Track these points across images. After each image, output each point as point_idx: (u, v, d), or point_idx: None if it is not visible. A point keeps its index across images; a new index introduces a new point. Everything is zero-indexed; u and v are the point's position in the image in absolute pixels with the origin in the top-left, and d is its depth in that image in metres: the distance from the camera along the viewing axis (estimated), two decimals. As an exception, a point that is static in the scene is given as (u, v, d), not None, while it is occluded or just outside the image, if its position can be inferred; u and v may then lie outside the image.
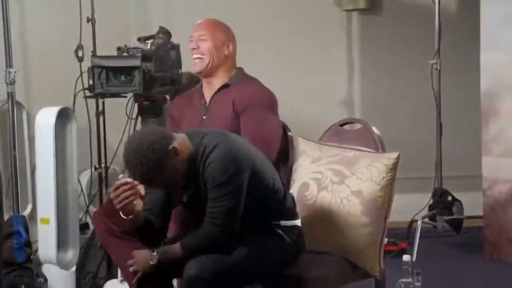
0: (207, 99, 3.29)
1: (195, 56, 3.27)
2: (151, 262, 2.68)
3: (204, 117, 3.25)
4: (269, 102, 3.22)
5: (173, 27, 3.64)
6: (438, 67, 4.54)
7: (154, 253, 2.69)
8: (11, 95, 3.68)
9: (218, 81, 3.27)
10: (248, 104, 3.17)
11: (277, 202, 2.76)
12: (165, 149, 2.59)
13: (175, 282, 2.98)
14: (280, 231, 2.75)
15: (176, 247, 2.69)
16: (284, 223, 2.77)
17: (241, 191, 2.62)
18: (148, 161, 2.57)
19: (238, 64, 3.33)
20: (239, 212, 2.64)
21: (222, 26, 3.32)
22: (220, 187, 2.61)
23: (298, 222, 2.82)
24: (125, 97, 3.76)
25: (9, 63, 3.66)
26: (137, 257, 2.72)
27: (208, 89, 3.30)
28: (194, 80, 3.56)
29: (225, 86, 3.25)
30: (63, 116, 3.52)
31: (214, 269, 2.57)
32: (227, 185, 2.60)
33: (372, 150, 3.01)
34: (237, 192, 2.62)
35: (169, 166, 2.61)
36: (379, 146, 3.05)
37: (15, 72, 3.65)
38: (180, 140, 2.66)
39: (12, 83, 3.65)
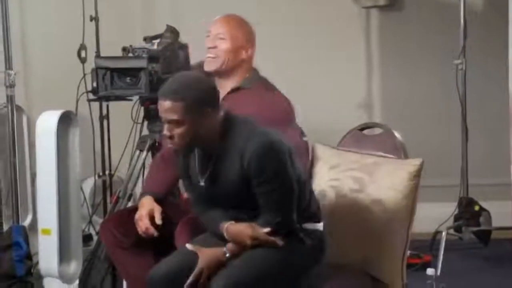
0: None
1: (209, 54, 3.18)
2: (227, 255, 2.67)
3: None
4: (285, 116, 3.08)
5: (181, 25, 3.63)
6: (464, 68, 4.47)
7: (225, 249, 2.68)
8: (10, 99, 3.65)
9: (230, 83, 3.19)
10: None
11: (305, 200, 2.74)
12: (213, 86, 2.71)
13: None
14: (301, 234, 2.71)
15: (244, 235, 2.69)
16: (306, 226, 2.73)
17: (287, 174, 2.64)
18: (195, 84, 2.66)
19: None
20: (294, 194, 2.66)
21: (244, 27, 3.21)
22: (269, 181, 2.62)
23: (320, 226, 2.77)
24: (131, 100, 3.76)
25: (8, 65, 3.64)
26: (207, 258, 2.67)
27: (220, 90, 3.15)
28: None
29: (235, 90, 3.16)
30: (65, 121, 3.52)
31: (240, 281, 2.59)
32: (275, 177, 2.63)
33: (393, 156, 2.99)
34: (286, 177, 2.64)
35: (208, 113, 2.65)
36: (401, 152, 3.03)
37: (15, 74, 3.64)
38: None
39: (11, 85, 3.64)
